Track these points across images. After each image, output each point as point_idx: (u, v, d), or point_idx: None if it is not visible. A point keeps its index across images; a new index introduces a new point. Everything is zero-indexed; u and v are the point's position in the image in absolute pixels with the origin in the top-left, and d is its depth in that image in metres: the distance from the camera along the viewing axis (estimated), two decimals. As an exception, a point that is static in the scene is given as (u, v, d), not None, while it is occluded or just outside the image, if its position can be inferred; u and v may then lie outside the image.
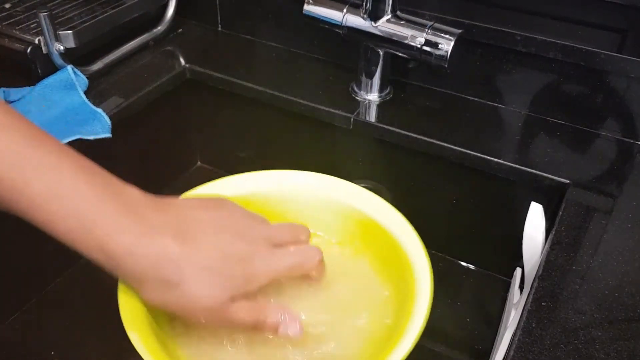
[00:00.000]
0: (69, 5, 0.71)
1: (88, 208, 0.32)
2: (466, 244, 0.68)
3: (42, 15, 0.60)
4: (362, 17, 0.61)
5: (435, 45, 0.58)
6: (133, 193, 0.35)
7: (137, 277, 0.34)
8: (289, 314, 0.37)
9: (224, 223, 0.37)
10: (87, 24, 0.65)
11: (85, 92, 0.65)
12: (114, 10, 0.68)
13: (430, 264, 0.41)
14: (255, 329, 0.36)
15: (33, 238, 0.60)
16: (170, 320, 0.39)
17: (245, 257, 0.35)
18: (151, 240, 0.33)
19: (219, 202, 0.39)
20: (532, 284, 0.46)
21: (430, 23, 0.59)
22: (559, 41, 0.59)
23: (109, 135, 0.60)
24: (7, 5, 0.70)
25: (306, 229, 0.41)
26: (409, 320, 0.37)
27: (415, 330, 0.36)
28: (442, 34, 0.58)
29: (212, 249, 0.34)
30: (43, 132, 0.34)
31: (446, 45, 0.57)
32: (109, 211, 0.33)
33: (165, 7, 0.77)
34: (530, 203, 0.54)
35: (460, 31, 0.58)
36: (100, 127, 0.60)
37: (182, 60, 0.74)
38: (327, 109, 0.66)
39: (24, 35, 0.64)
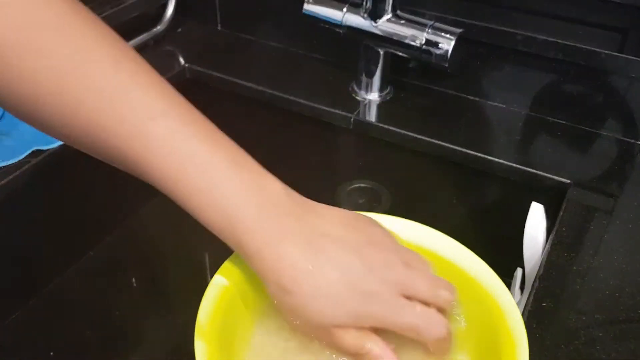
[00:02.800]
0: (69, 5, 0.71)
1: (234, 205, 0.34)
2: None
3: (42, 14, 0.60)
4: (362, 17, 0.61)
5: (435, 44, 0.58)
6: (276, 190, 0.35)
7: (262, 275, 0.34)
8: (390, 351, 0.35)
9: (360, 249, 0.35)
10: (87, 23, 0.65)
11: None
12: (113, 10, 0.68)
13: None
14: (356, 356, 0.35)
15: (33, 237, 0.61)
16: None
17: (366, 294, 0.34)
18: (280, 246, 0.33)
19: (364, 222, 0.37)
20: (533, 284, 0.46)
21: (430, 22, 0.58)
22: (559, 41, 0.59)
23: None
24: (7, 5, 0.70)
25: (452, 287, 0.37)
26: None
27: None
28: (443, 34, 0.58)
29: (336, 274, 0.34)
30: (199, 114, 0.36)
31: (446, 44, 0.57)
32: (251, 210, 0.34)
33: (164, 6, 0.76)
34: (530, 203, 0.54)
35: (460, 31, 0.58)
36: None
37: (181, 60, 0.74)
38: (327, 108, 0.66)
39: (24, 35, 0.63)
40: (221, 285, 0.37)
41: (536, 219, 0.53)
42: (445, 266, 0.40)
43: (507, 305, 0.36)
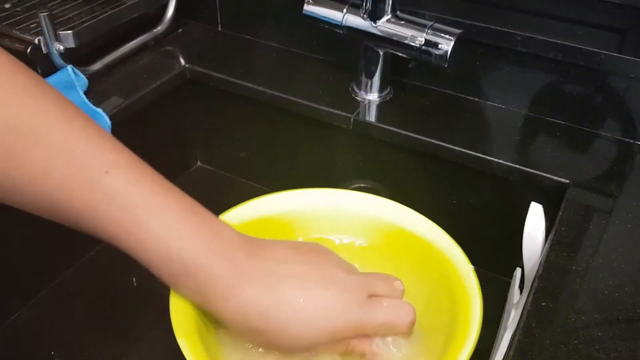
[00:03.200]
0: (69, 5, 0.71)
1: (191, 254, 0.33)
2: (466, 244, 0.68)
3: (42, 15, 0.60)
4: (362, 17, 0.61)
5: (435, 45, 0.58)
6: (229, 235, 0.35)
7: (230, 322, 0.35)
8: (377, 345, 0.37)
9: (315, 272, 0.36)
10: (87, 24, 0.65)
11: (85, 92, 0.65)
12: (114, 10, 0.68)
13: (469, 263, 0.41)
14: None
15: (33, 238, 0.61)
16: (217, 328, 0.39)
17: (335, 309, 0.35)
18: (241, 289, 0.34)
19: (313, 250, 0.38)
20: (532, 284, 0.46)
21: (430, 23, 0.59)
22: (559, 41, 0.59)
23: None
24: (7, 5, 0.70)
25: (400, 282, 0.39)
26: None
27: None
28: (442, 34, 0.58)
29: (300, 300, 0.34)
30: (152, 169, 0.35)
31: (446, 45, 0.57)
32: (209, 257, 0.34)
33: (165, 7, 0.77)
34: (530, 203, 0.54)
35: (460, 31, 0.58)
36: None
37: (182, 60, 0.74)
38: (327, 109, 0.66)
39: (24, 35, 0.64)
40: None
41: (535, 219, 0.53)
42: (405, 236, 0.43)
43: (459, 263, 0.41)
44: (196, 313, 0.36)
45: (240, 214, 0.43)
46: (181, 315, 0.36)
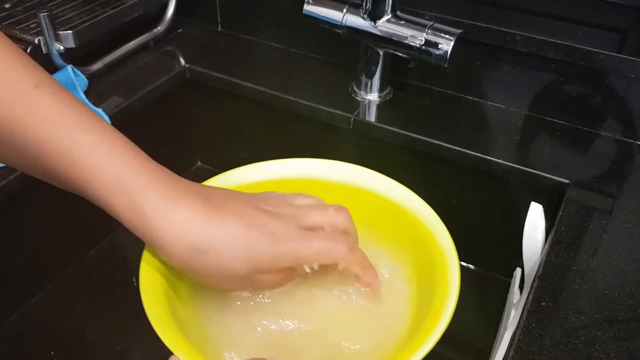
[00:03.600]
0: (69, 5, 0.71)
1: (127, 172, 0.34)
2: (466, 244, 0.68)
3: (42, 15, 0.60)
4: (362, 17, 0.61)
5: (435, 45, 0.58)
6: (166, 169, 0.37)
7: (168, 241, 0.34)
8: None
9: (256, 199, 0.37)
10: (87, 24, 0.65)
11: (85, 92, 0.65)
12: (114, 10, 0.68)
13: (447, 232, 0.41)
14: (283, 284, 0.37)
15: (33, 238, 0.61)
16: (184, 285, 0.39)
17: (276, 236, 0.35)
18: (182, 202, 0.34)
19: (265, 192, 0.40)
20: (532, 284, 0.46)
21: (430, 23, 0.59)
22: (559, 41, 0.59)
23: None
24: (7, 5, 0.70)
25: (346, 211, 0.39)
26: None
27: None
28: (442, 34, 0.58)
29: (241, 218, 0.34)
30: (79, 101, 0.36)
31: (446, 45, 0.57)
32: (146, 176, 0.34)
33: (165, 7, 0.77)
34: (530, 203, 0.54)
35: (460, 31, 0.58)
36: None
37: (182, 60, 0.74)
38: (327, 109, 0.66)
39: (24, 35, 0.64)
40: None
41: (535, 219, 0.53)
42: (379, 201, 0.44)
43: (434, 226, 0.41)
44: (167, 285, 0.37)
45: (221, 181, 0.44)
46: (151, 279, 0.36)
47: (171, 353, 0.32)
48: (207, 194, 0.36)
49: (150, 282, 0.36)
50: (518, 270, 0.60)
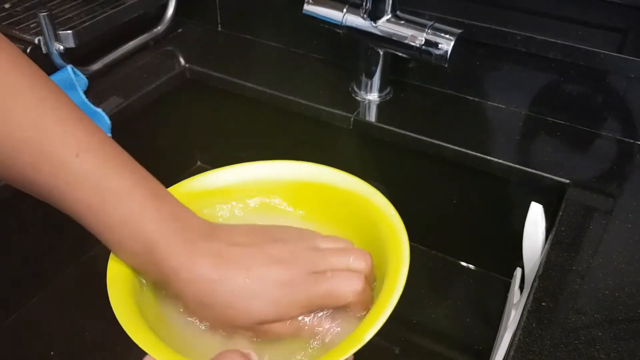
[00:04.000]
0: (69, 5, 0.71)
1: (154, 236, 0.35)
2: (466, 244, 0.68)
3: (42, 15, 0.60)
4: (362, 17, 0.61)
5: (435, 45, 0.58)
6: (190, 219, 0.38)
7: (181, 296, 0.36)
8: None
9: (265, 247, 0.37)
10: (87, 24, 0.65)
11: (85, 92, 0.65)
12: (113, 10, 0.68)
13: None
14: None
15: (33, 238, 0.61)
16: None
17: (280, 283, 0.36)
18: (193, 266, 0.35)
19: (269, 226, 0.40)
20: (532, 284, 0.46)
21: (430, 23, 0.59)
22: (559, 41, 0.59)
23: (108, 135, 0.60)
24: (7, 5, 0.70)
25: (364, 253, 0.38)
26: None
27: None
28: (442, 34, 0.58)
29: (245, 275, 0.36)
30: (122, 152, 0.37)
31: (446, 45, 0.57)
32: (168, 239, 0.36)
33: (165, 7, 0.77)
34: (530, 203, 0.54)
35: (460, 31, 0.58)
36: (100, 127, 0.60)
37: (182, 60, 0.74)
38: (327, 109, 0.66)
39: (24, 35, 0.64)
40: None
41: (536, 218, 0.53)
42: (340, 193, 0.45)
43: (387, 212, 0.42)
44: (133, 280, 0.38)
45: (185, 187, 0.45)
46: (118, 281, 0.38)
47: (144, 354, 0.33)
48: (218, 248, 0.37)
49: (118, 284, 0.38)
50: (518, 270, 0.60)
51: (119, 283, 0.38)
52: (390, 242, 0.40)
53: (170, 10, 0.77)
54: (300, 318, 0.36)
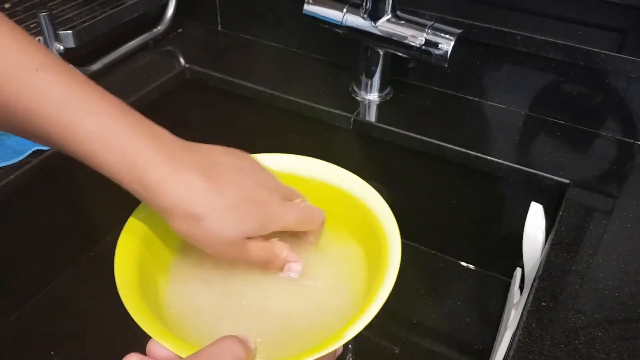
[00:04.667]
0: (69, 5, 0.71)
1: (130, 145, 0.35)
2: (466, 244, 0.68)
3: (42, 15, 0.60)
4: (362, 17, 0.61)
5: (435, 45, 0.58)
6: (166, 135, 0.38)
7: (169, 209, 0.36)
8: (293, 256, 0.41)
9: (246, 171, 0.40)
10: (87, 24, 0.65)
11: (85, 92, 0.65)
12: (114, 10, 0.68)
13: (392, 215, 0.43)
14: (265, 266, 0.40)
15: (33, 238, 0.61)
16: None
17: (262, 202, 0.38)
18: (183, 175, 0.36)
19: (240, 153, 0.43)
20: (532, 284, 0.46)
21: (430, 23, 0.59)
22: (559, 41, 0.59)
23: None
24: (7, 5, 0.70)
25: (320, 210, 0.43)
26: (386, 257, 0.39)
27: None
28: (442, 34, 0.58)
29: (236, 190, 0.37)
30: (80, 74, 0.37)
31: (446, 45, 0.57)
32: (147, 148, 0.36)
33: (165, 7, 0.77)
34: (530, 203, 0.54)
35: (460, 31, 0.58)
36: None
37: (182, 60, 0.74)
38: (327, 109, 0.66)
39: (24, 35, 0.63)
40: (137, 225, 0.40)
41: (536, 218, 0.53)
42: (326, 188, 0.47)
43: (378, 209, 0.43)
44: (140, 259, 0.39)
45: None
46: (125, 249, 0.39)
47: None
48: (208, 163, 0.38)
49: (124, 270, 0.38)
50: (518, 270, 0.60)
51: (125, 268, 0.38)
52: (383, 242, 0.41)
53: (170, 10, 0.77)
54: (272, 241, 0.40)
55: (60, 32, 0.62)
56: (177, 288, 0.41)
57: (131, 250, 0.39)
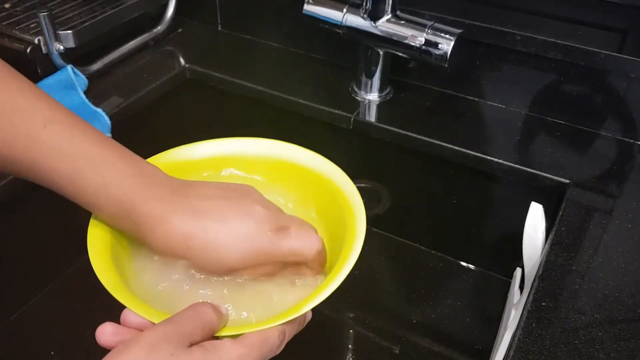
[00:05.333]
0: (69, 5, 0.71)
1: (129, 196, 0.37)
2: (466, 244, 0.68)
3: (42, 15, 0.60)
4: (362, 17, 0.61)
5: (435, 45, 0.58)
6: (159, 178, 0.40)
7: (159, 250, 0.38)
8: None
9: (234, 208, 0.40)
10: (87, 24, 0.65)
11: (85, 92, 0.65)
12: (113, 10, 0.68)
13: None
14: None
15: (33, 238, 0.61)
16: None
17: (250, 236, 0.38)
18: (167, 221, 0.37)
19: (237, 189, 0.42)
20: (532, 284, 0.46)
21: (430, 23, 0.59)
22: (559, 41, 0.59)
23: (109, 135, 0.60)
24: (7, 5, 0.70)
25: (312, 227, 0.43)
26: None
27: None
28: (442, 34, 0.58)
29: (219, 229, 0.38)
30: (85, 122, 0.39)
31: (446, 45, 0.57)
32: (141, 198, 0.38)
33: (165, 7, 0.77)
34: (530, 203, 0.54)
35: (460, 31, 0.58)
36: (100, 127, 0.60)
37: (182, 60, 0.74)
38: (327, 109, 0.66)
39: (24, 35, 0.64)
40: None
41: (536, 219, 0.53)
42: (302, 171, 0.48)
43: (348, 190, 0.44)
44: (112, 240, 0.40)
45: (163, 159, 0.48)
46: (97, 241, 0.40)
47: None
48: (191, 202, 0.39)
49: (97, 245, 0.39)
50: (518, 270, 0.60)
51: (98, 244, 0.39)
52: (349, 220, 0.42)
53: (170, 10, 0.77)
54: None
55: (60, 32, 0.62)
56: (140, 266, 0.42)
57: (101, 235, 0.40)
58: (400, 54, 0.62)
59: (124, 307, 0.36)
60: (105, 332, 0.35)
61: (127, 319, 0.35)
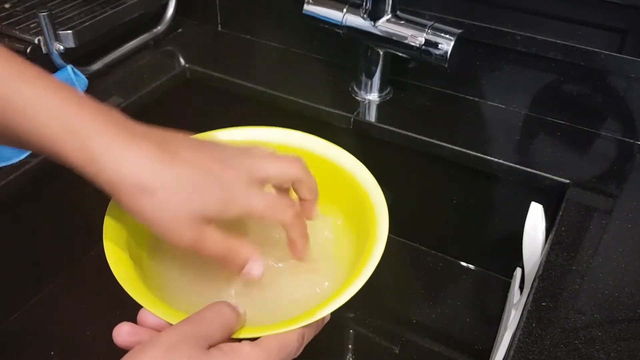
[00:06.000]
0: (69, 5, 0.71)
1: (73, 114, 0.33)
2: (466, 244, 0.68)
3: (42, 15, 0.60)
4: (362, 17, 0.61)
5: (435, 45, 0.58)
6: (115, 111, 0.36)
7: (117, 181, 0.33)
8: (255, 255, 0.37)
9: (209, 147, 0.37)
10: (87, 24, 0.65)
11: (85, 92, 0.65)
12: (113, 10, 0.68)
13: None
14: (222, 262, 0.36)
15: (33, 238, 0.61)
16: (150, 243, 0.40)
17: (224, 181, 0.35)
18: (133, 144, 0.33)
19: (207, 140, 0.39)
20: (532, 284, 0.46)
21: (430, 23, 0.59)
22: (559, 41, 0.59)
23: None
24: (7, 5, 0.70)
25: (301, 162, 0.39)
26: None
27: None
28: (442, 34, 0.58)
29: (193, 163, 0.34)
30: (57, 81, 0.36)
31: (446, 45, 0.57)
32: (92, 117, 0.34)
33: (165, 7, 0.77)
34: (530, 203, 0.54)
35: (460, 31, 0.58)
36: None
37: (182, 60, 0.74)
38: (327, 109, 0.66)
39: (24, 35, 0.64)
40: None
41: (536, 219, 0.53)
42: (320, 162, 0.47)
43: (369, 186, 0.44)
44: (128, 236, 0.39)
45: None
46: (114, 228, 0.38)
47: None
48: (160, 138, 0.35)
49: (114, 241, 0.38)
50: (518, 270, 0.60)
51: (114, 243, 0.38)
52: (371, 220, 0.41)
53: (170, 10, 0.77)
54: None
55: (60, 32, 0.62)
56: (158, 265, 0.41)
57: (118, 229, 0.39)
58: (400, 54, 0.62)
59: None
60: (122, 332, 0.34)
61: (144, 318, 0.34)
